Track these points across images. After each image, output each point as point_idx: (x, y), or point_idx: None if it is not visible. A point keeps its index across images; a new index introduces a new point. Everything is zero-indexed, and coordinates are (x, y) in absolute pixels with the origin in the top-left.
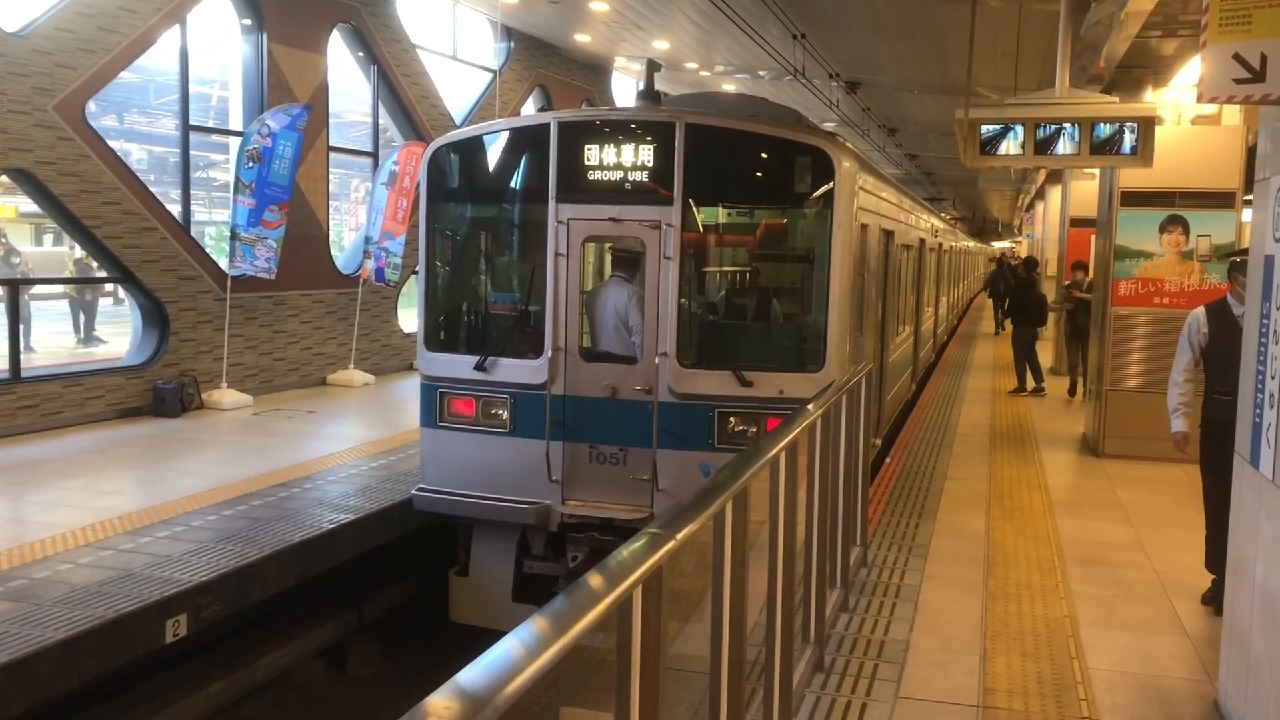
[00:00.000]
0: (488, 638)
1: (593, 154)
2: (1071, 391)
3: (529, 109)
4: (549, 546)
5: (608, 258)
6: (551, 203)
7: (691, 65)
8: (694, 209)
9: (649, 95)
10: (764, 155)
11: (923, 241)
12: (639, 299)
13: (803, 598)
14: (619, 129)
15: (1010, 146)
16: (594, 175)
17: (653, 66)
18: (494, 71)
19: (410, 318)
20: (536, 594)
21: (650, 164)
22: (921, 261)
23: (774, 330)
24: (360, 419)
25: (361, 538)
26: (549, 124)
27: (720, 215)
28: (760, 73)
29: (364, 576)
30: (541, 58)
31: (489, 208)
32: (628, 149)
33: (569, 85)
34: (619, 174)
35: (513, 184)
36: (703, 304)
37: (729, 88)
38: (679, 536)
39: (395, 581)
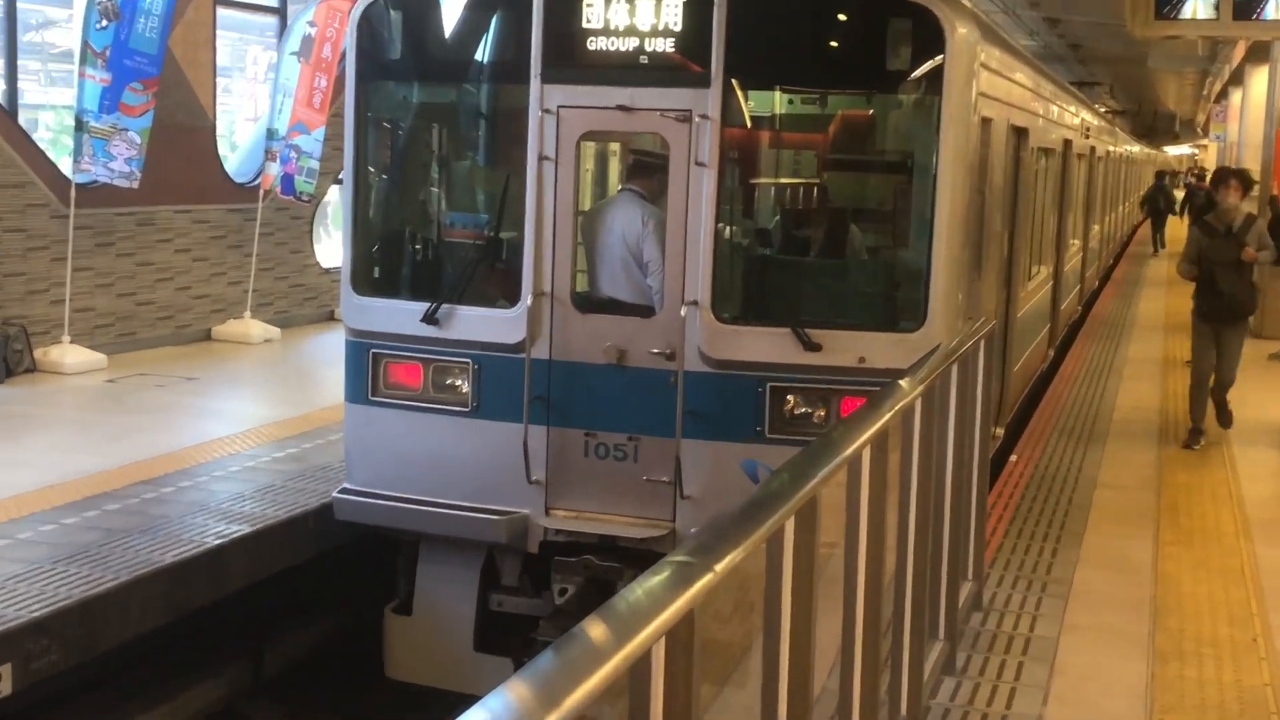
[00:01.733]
0: (437, 703)
1: (594, 11)
2: None
3: None
4: (526, 575)
5: (614, 164)
6: (534, 83)
7: None
8: (740, 94)
9: None
10: (842, 16)
11: (1068, 145)
12: (659, 224)
13: (891, 654)
14: None
15: (1198, 7)
16: (596, 44)
17: None
18: None
19: (332, 247)
20: (508, 642)
21: (678, 26)
22: (1067, 173)
23: (853, 271)
24: (260, 390)
25: (261, 559)
26: None
27: (778, 104)
28: None
29: (265, 613)
30: None
31: (444, 90)
32: (645, 5)
33: None
34: (632, 42)
35: (479, 55)
36: (751, 232)
37: None
38: (718, 568)
39: (309, 621)
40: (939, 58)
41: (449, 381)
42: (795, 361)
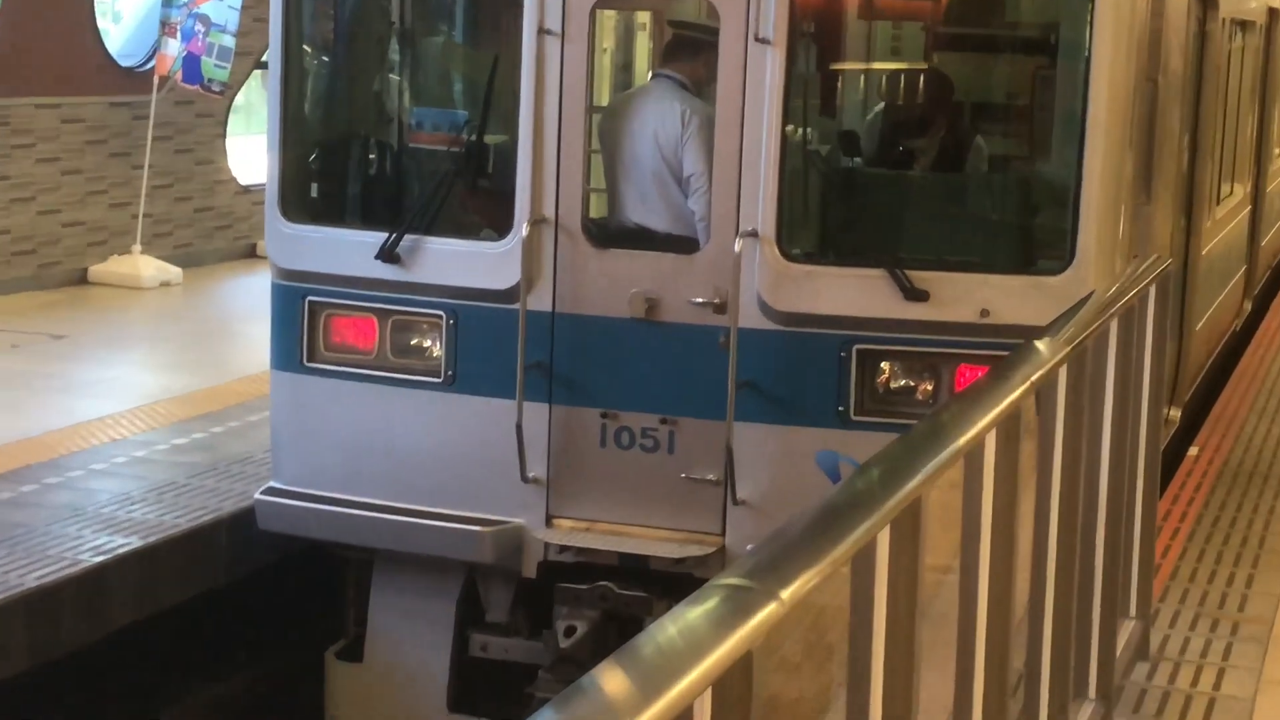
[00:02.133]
0: None
1: None
2: None
3: None
4: (520, 609)
5: (643, 42)
6: None
7: None
8: None
9: None
10: None
11: (1275, 15)
12: (705, 123)
13: (1023, 717)
14: None
15: None
16: None
17: None
18: None
19: (255, 157)
20: (493, 697)
21: None
22: (1272, 55)
23: (973, 190)
24: (155, 354)
25: (156, 584)
26: None
27: None
28: None
29: (163, 656)
30: None
31: None
32: None
33: None
34: None
35: None
36: (832, 136)
37: None
38: (784, 595)
39: (221, 670)
40: None
41: (414, 341)
42: (893, 315)
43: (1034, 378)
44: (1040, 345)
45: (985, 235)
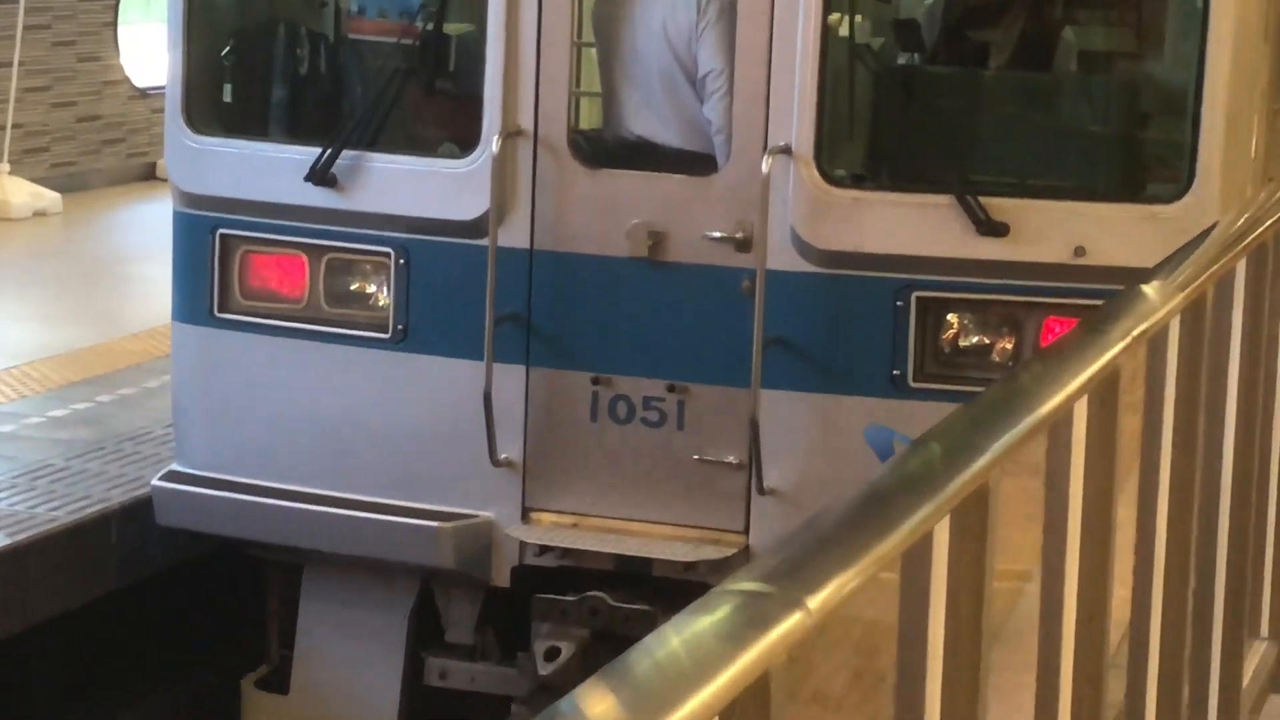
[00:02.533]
0: None
1: None
2: None
3: None
4: (488, 626)
5: None
6: None
7: None
8: None
9: None
10: None
11: None
12: (725, 8)
13: None
14: None
15: None
16: None
17: None
18: None
19: (155, 51)
20: None
21: None
22: None
23: (1063, 95)
24: (25, 301)
25: (26, 593)
26: None
27: None
28: None
29: (34, 684)
30: None
31: None
32: None
33: None
34: None
35: None
36: (884, 26)
37: None
38: (813, 603)
39: (109, 697)
40: None
41: (355, 286)
42: (962, 254)
43: (1137, 330)
44: (1147, 290)
45: (1080, 153)
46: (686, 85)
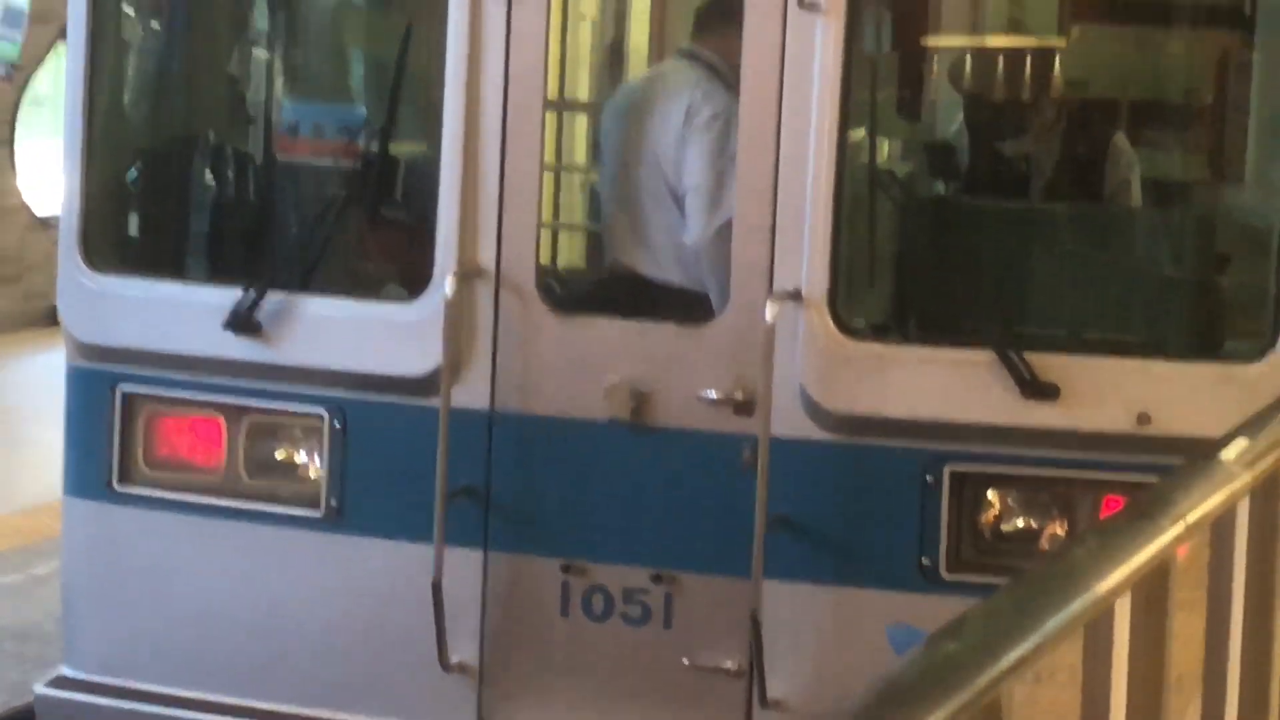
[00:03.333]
0: None
1: None
2: None
3: None
4: None
5: (642, 6)
6: None
7: None
8: None
9: None
10: None
11: None
12: (717, 117)
13: None
14: None
15: None
16: None
17: None
18: None
19: (53, 171)
20: None
21: None
22: None
23: (1120, 232)
24: None
25: None
26: None
27: None
28: None
29: None
30: None
31: None
32: None
33: None
34: None
35: None
36: (913, 151)
37: None
38: None
39: None
40: None
41: (281, 455)
42: (1004, 421)
43: (1194, 516)
44: (1226, 458)
45: (1143, 301)
46: (677, 210)
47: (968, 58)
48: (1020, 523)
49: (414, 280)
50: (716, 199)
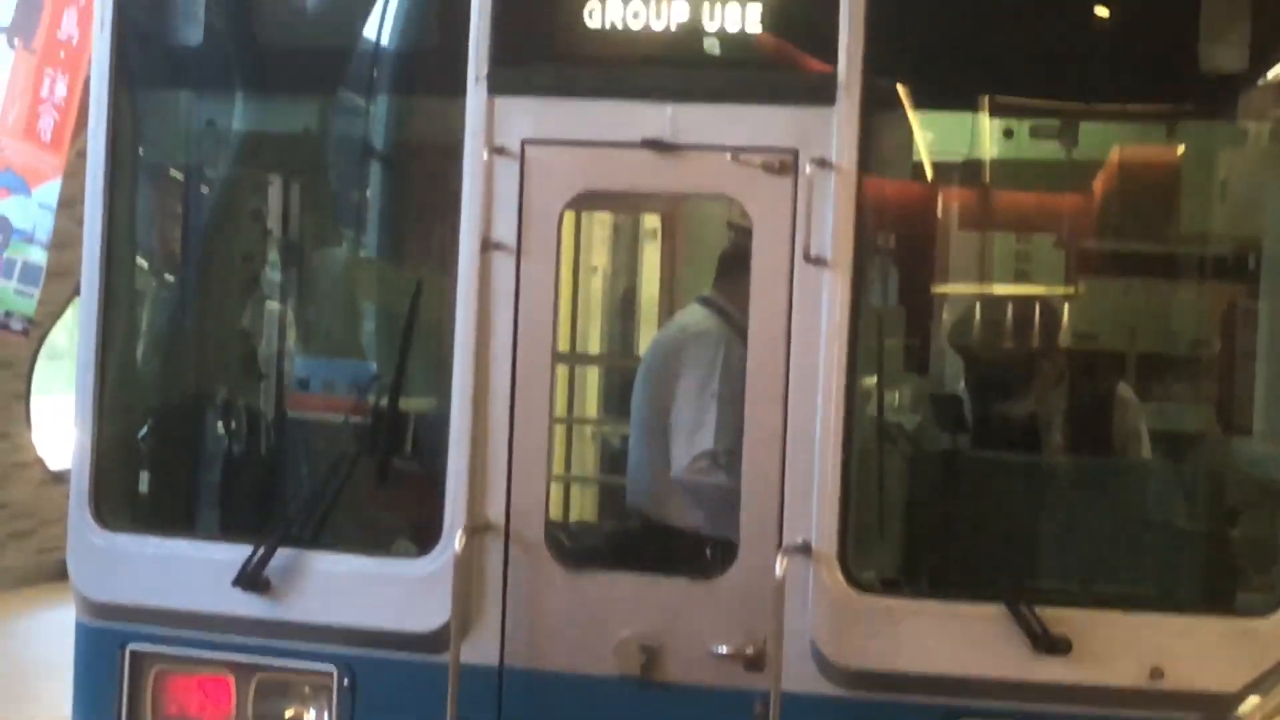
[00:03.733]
0: None
1: None
2: None
3: None
4: None
5: (653, 255)
6: (474, 94)
7: None
8: (897, 117)
9: None
10: None
11: None
12: (709, 347)
13: None
14: None
15: None
16: (604, 19)
17: None
18: None
19: (62, 426)
20: None
21: None
22: None
23: (1130, 484)
24: None
25: None
26: None
27: (978, 137)
28: None
29: None
30: None
31: (291, 107)
32: None
33: None
34: (680, 14)
35: (361, 39)
36: (922, 401)
37: None
38: None
39: None
40: None
41: (291, 713)
42: (1016, 676)
43: None
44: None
45: (1155, 554)
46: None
47: (972, 316)
48: None
49: (423, 535)
50: (695, 432)
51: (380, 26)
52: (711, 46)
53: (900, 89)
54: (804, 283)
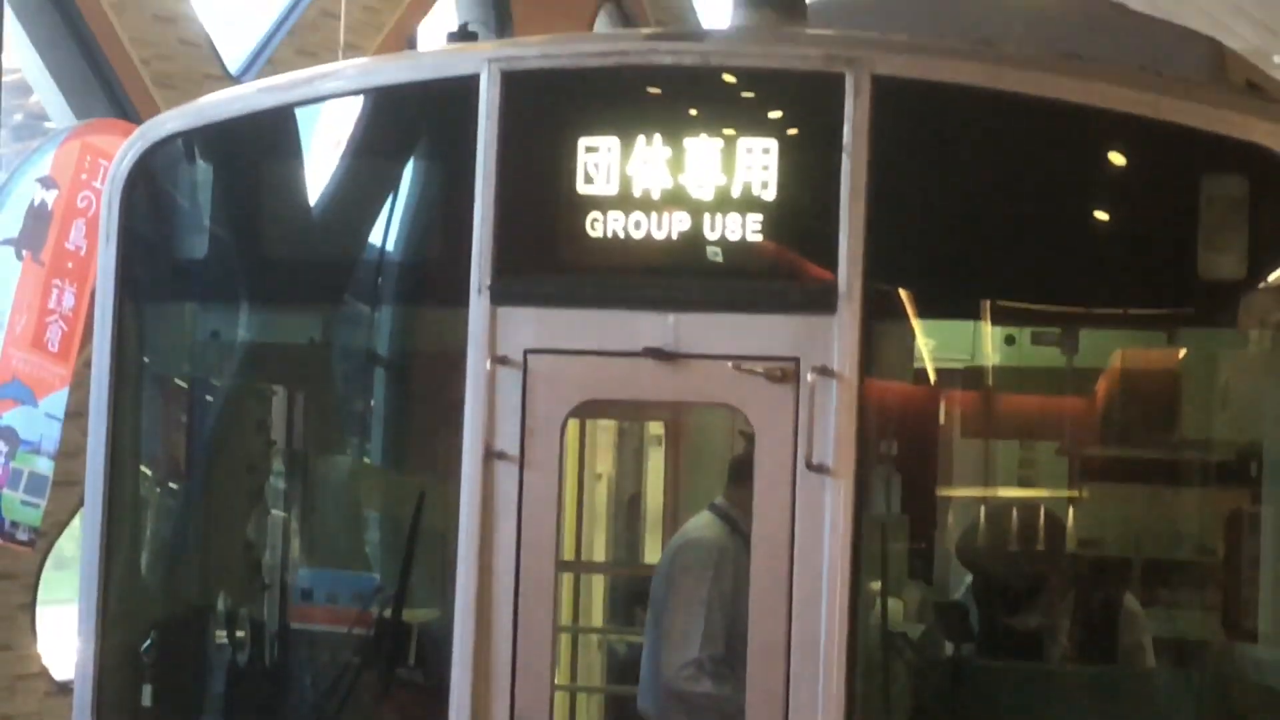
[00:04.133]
0: None
1: (602, 162)
2: None
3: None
4: None
5: (657, 463)
6: (477, 305)
7: None
8: (898, 326)
9: None
10: (1103, 166)
11: None
12: (701, 558)
13: None
14: (685, 92)
15: None
16: (602, 226)
17: None
18: None
19: (66, 637)
20: None
21: (770, 193)
22: None
23: (1137, 699)
24: None
25: None
26: (478, 75)
27: (985, 345)
28: None
29: None
30: None
31: (294, 318)
32: (704, 151)
33: None
34: (678, 221)
35: (364, 249)
36: (927, 611)
37: None
38: None
39: None
40: None
41: None
42: None
43: None
44: None
45: None
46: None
47: (976, 523)
48: None
49: None
50: (683, 640)
51: (383, 237)
52: (713, 255)
53: (901, 297)
54: (807, 490)
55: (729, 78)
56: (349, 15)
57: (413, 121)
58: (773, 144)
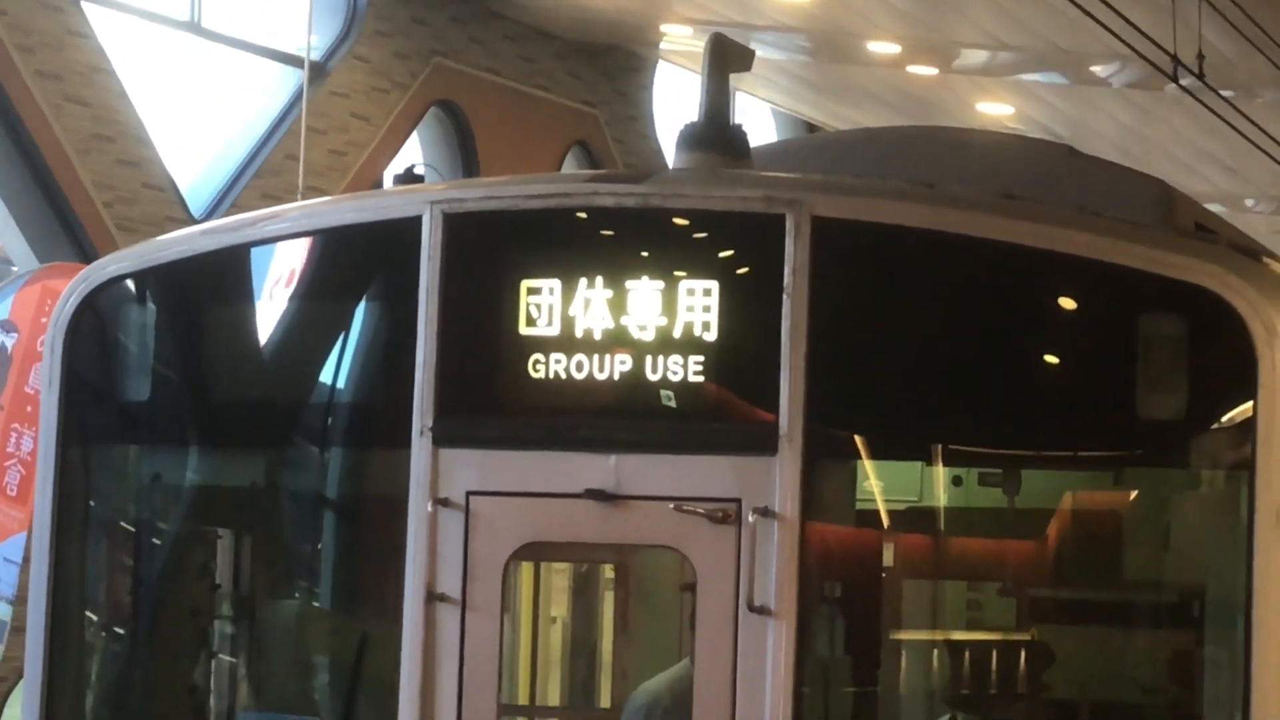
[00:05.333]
0: None
1: (544, 304)
2: None
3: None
4: None
5: (609, 604)
6: (419, 447)
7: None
8: (842, 466)
9: (714, 138)
10: (1049, 308)
11: None
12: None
13: None
14: (627, 233)
15: None
16: (544, 367)
17: (728, 57)
18: (304, 59)
19: None
20: None
21: (711, 333)
22: None
23: None
24: None
25: None
26: (421, 217)
27: (928, 486)
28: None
29: None
30: (452, 23)
31: (240, 461)
32: (646, 292)
33: (533, 103)
34: (619, 362)
35: (309, 393)
36: None
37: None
38: None
39: None
40: (1250, 389)
41: None
42: None
43: None
44: None
45: None
46: None
47: (919, 660)
48: None
49: None
50: None
51: (327, 379)
52: (655, 396)
53: (842, 437)
54: (748, 632)
55: (670, 219)
56: (314, 160)
57: (356, 263)
58: (714, 285)
